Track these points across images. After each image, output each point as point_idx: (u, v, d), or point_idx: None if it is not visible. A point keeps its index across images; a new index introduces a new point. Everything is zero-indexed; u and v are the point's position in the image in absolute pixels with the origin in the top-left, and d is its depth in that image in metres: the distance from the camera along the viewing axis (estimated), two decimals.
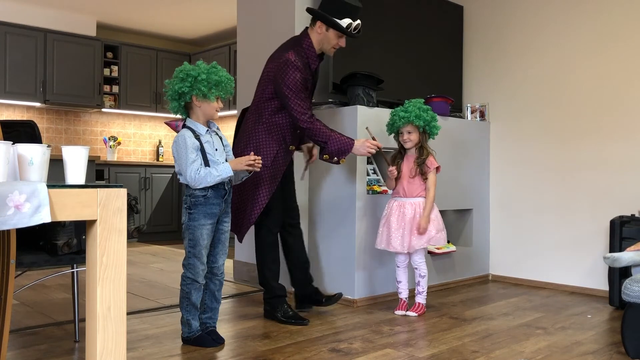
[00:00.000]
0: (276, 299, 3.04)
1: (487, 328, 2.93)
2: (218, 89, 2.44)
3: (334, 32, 2.89)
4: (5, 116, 6.20)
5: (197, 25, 6.97)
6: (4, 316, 1.85)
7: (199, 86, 2.40)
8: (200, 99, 2.45)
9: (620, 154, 3.74)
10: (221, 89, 2.45)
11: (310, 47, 2.95)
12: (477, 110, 4.42)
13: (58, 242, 2.39)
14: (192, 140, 2.45)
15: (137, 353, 2.47)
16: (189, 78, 2.41)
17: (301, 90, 2.88)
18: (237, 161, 2.51)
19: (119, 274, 1.45)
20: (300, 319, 2.98)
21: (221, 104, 2.52)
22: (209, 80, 2.41)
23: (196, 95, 2.44)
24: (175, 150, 2.48)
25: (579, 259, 3.91)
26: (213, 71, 2.43)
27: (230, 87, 2.49)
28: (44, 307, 3.29)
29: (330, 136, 2.92)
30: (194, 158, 2.43)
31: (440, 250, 3.85)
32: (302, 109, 2.88)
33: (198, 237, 2.52)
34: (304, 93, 2.91)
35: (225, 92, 2.48)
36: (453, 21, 4.49)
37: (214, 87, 2.43)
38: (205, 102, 2.46)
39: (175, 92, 2.45)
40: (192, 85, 2.41)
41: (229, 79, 2.48)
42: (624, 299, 2.36)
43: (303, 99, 2.89)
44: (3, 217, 1.27)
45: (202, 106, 2.47)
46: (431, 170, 3.18)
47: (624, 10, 3.75)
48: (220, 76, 2.44)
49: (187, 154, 2.43)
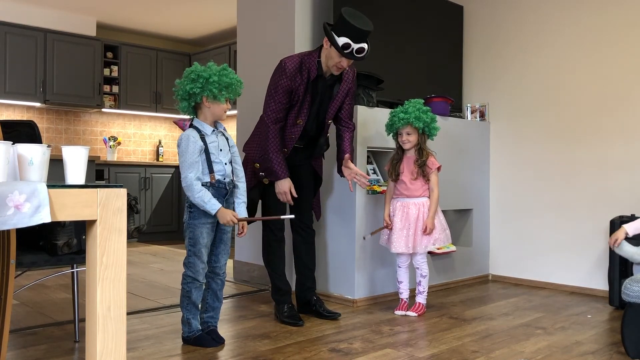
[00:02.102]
0: (278, 298, 3.06)
1: (487, 328, 2.93)
2: (228, 91, 2.49)
3: (334, 50, 2.84)
4: (5, 116, 6.20)
5: (197, 25, 6.97)
6: (4, 316, 1.85)
7: (210, 87, 2.44)
8: (210, 100, 2.49)
9: (620, 154, 3.74)
10: (231, 90, 2.50)
11: (315, 58, 2.93)
12: (477, 110, 4.43)
13: (58, 242, 2.39)
14: (195, 141, 2.47)
15: (137, 353, 2.47)
16: (200, 79, 2.44)
17: (281, 94, 2.88)
18: (225, 212, 2.49)
19: (119, 274, 1.45)
20: (295, 319, 2.97)
21: (229, 105, 2.56)
22: (220, 82, 2.45)
23: (207, 97, 2.47)
24: (178, 149, 2.54)
25: (579, 259, 3.91)
26: (224, 73, 2.47)
27: (239, 89, 2.55)
28: (44, 307, 3.29)
29: (268, 153, 2.89)
30: (193, 161, 2.46)
31: (440, 250, 3.85)
32: (270, 111, 2.91)
33: (198, 236, 2.53)
34: (285, 98, 2.89)
35: (235, 93, 2.53)
36: (453, 21, 4.49)
37: (224, 89, 2.47)
38: (215, 103, 2.50)
39: (186, 92, 2.49)
40: (203, 86, 2.45)
41: (239, 81, 2.54)
42: (624, 299, 2.36)
43: (277, 103, 2.89)
44: (3, 217, 1.27)
45: (212, 107, 2.51)
46: (433, 171, 3.18)
47: (624, 11, 3.75)
48: (231, 78, 2.49)
49: (186, 157, 2.46)
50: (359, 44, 2.81)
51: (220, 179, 2.53)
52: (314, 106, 3.00)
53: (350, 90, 3.08)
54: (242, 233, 2.69)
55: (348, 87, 3.06)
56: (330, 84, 3.01)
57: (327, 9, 3.71)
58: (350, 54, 2.80)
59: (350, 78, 3.07)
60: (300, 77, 2.89)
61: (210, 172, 2.50)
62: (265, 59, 3.93)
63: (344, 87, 3.04)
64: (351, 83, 3.07)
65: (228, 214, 2.49)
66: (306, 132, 3.03)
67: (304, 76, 2.90)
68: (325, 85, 2.99)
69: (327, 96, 3.03)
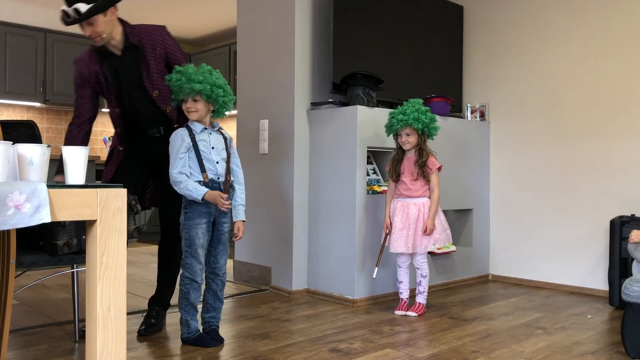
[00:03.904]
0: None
1: (487, 328, 2.93)
2: (177, 92, 2.52)
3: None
4: (5, 116, 6.20)
5: (197, 25, 6.97)
6: (4, 316, 1.85)
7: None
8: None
9: (621, 154, 3.74)
10: (179, 92, 2.50)
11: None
12: (477, 110, 4.43)
13: (58, 242, 2.39)
14: (182, 139, 2.50)
15: (137, 353, 2.47)
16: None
17: (75, 89, 2.73)
18: (213, 193, 2.48)
19: (119, 274, 1.45)
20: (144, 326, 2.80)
21: (191, 104, 2.50)
22: (172, 85, 2.52)
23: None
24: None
25: (579, 259, 3.91)
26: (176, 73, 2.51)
27: (190, 86, 2.45)
28: (44, 307, 3.29)
29: (66, 141, 2.71)
30: (176, 157, 2.49)
31: (440, 250, 3.85)
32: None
33: (193, 236, 2.53)
34: (78, 92, 2.72)
35: (184, 93, 2.48)
36: (453, 21, 4.49)
37: (175, 92, 2.53)
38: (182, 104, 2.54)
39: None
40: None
41: (190, 79, 2.45)
42: (624, 299, 2.36)
43: (76, 99, 2.74)
44: (3, 217, 1.27)
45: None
46: (433, 171, 3.18)
47: (625, 11, 3.75)
48: (177, 79, 2.49)
49: (172, 154, 2.51)
50: (69, 6, 2.44)
51: (214, 178, 2.52)
52: (118, 91, 2.71)
53: (158, 51, 2.65)
54: (238, 237, 2.66)
55: (153, 48, 2.65)
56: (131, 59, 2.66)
57: (327, 8, 3.71)
58: (74, 20, 2.45)
59: (148, 40, 2.65)
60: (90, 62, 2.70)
61: (202, 172, 2.51)
62: (265, 59, 3.93)
63: (149, 52, 2.65)
64: (155, 43, 2.65)
65: (215, 194, 2.47)
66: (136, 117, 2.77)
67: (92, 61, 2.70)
68: (124, 64, 2.67)
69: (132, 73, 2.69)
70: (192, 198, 2.47)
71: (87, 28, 2.53)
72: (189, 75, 2.45)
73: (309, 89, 3.75)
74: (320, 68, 3.78)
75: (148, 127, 2.77)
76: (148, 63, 2.65)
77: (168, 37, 2.69)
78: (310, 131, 3.73)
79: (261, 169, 3.89)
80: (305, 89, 3.73)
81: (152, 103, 2.70)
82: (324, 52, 3.77)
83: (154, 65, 2.66)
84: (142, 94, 2.69)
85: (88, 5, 2.44)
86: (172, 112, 2.73)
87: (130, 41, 2.63)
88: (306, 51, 3.73)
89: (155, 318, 2.82)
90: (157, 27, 2.70)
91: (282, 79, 3.76)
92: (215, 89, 2.48)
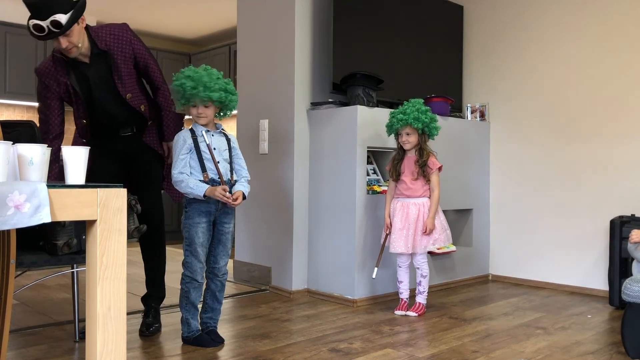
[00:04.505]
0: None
1: (487, 328, 2.93)
2: (180, 98, 2.52)
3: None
4: (5, 116, 6.20)
5: (197, 25, 6.97)
6: (4, 316, 1.85)
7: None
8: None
9: (621, 154, 3.74)
10: (184, 97, 2.49)
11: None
12: (477, 110, 4.42)
13: (58, 242, 2.39)
14: (184, 140, 2.53)
15: (137, 353, 2.47)
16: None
17: (41, 102, 2.63)
18: (213, 188, 2.48)
19: (119, 274, 1.45)
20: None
21: (203, 110, 2.50)
22: (175, 90, 2.53)
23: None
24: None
25: (579, 259, 3.91)
26: (177, 77, 2.51)
27: (195, 92, 2.45)
28: (44, 307, 3.29)
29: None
30: (178, 158, 2.51)
31: (440, 250, 3.85)
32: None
33: (193, 236, 2.54)
34: (44, 105, 2.61)
35: (195, 97, 2.47)
36: (453, 21, 4.49)
37: (177, 99, 2.54)
38: (187, 107, 2.55)
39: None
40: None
41: (187, 86, 2.44)
42: (624, 299, 2.36)
43: (42, 112, 2.66)
44: (3, 217, 1.27)
45: (190, 110, 2.55)
46: (434, 171, 3.18)
47: (626, 12, 3.75)
48: (179, 84, 2.48)
49: (175, 155, 2.54)
50: (32, 20, 2.29)
51: (214, 178, 2.53)
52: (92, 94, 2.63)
53: (127, 53, 2.60)
54: (236, 201, 2.51)
55: (122, 51, 2.59)
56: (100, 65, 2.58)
57: (327, 8, 3.71)
58: (47, 35, 2.32)
59: (115, 44, 2.57)
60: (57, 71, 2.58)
61: (203, 172, 2.52)
62: (265, 59, 3.93)
63: (118, 57, 2.59)
64: (124, 45, 2.59)
65: (216, 189, 2.47)
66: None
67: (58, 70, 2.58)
68: (93, 71, 2.59)
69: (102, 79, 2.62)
70: (194, 195, 2.49)
71: (64, 40, 2.38)
72: (204, 83, 2.44)
73: (309, 89, 3.75)
74: (320, 68, 3.78)
75: (120, 129, 2.74)
76: (119, 67, 2.59)
77: (134, 38, 2.66)
78: (310, 131, 3.73)
79: (261, 169, 3.89)
80: (305, 89, 3.73)
81: (125, 105, 2.66)
82: (324, 52, 3.77)
83: (124, 69, 2.61)
84: (114, 99, 2.64)
85: (66, 16, 2.31)
86: (146, 110, 2.72)
87: (98, 47, 2.54)
88: (306, 51, 3.73)
89: (154, 317, 2.84)
90: (121, 27, 2.63)
91: (282, 79, 3.76)
92: (229, 95, 2.51)
